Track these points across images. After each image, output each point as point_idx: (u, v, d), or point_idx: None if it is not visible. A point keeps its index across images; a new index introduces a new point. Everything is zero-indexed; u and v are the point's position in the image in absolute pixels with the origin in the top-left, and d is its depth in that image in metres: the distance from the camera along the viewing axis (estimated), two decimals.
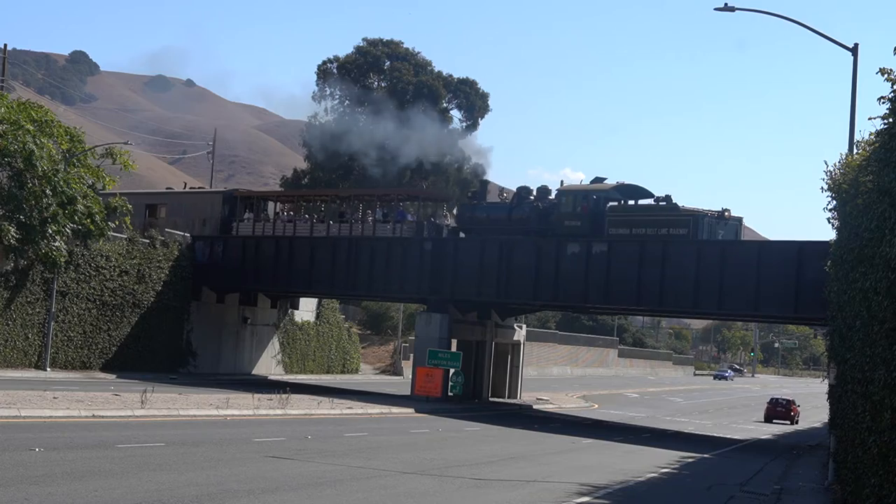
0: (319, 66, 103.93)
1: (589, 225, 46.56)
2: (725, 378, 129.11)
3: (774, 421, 62.03)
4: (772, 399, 65.57)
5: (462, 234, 52.03)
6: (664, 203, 45.47)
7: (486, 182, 54.15)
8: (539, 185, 50.55)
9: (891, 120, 14.29)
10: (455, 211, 54.65)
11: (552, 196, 49.35)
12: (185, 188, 70.86)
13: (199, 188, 74.53)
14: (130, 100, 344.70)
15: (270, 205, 61.69)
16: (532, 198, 49.85)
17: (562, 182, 50.07)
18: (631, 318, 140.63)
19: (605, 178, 48.86)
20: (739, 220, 45.25)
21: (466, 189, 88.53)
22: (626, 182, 48.12)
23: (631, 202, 47.56)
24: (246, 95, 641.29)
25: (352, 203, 58.06)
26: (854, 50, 33.88)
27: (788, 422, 62.13)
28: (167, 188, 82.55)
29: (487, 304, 53.44)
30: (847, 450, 19.40)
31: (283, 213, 59.42)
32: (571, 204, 47.63)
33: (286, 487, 17.52)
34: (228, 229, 57.26)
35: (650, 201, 47.18)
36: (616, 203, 47.22)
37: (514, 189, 52.05)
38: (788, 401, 64.28)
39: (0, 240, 41.59)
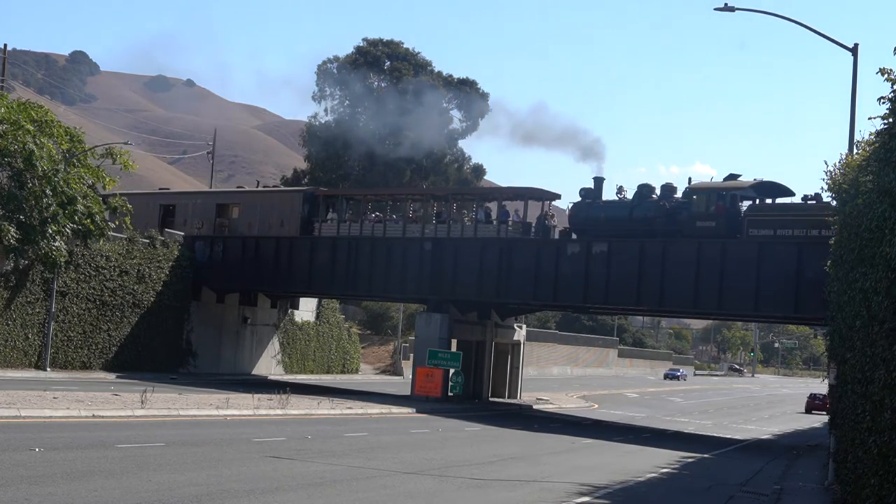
0: (319, 66, 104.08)
1: (725, 226, 43.25)
2: (677, 377, 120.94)
3: (813, 412, 71.61)
4: (811, 394, 77.01)
5: (574, 236, 48.08)
6: (813, 202, 41.14)
7: (602, 179, 48.59)
8: (663, 183, 46.18)
9: (891, 120, 14.29)
10: (567, 210, 48.92)
11: (679, 194, 45.93)
12: (257, 186, 65.12)
13: (274, 187, 67.39)
14: (130, 100, 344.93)
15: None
16: (654, 196, 46.27)
17: (689, 179, 46.40)
18: (631, 318, 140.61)
19: (738, 175, 45.34)
20: None
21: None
22: (764, 179, 44.69)
23: (768, 201, 44.37)
24: (244, 93, 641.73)
25: (447, 202, 54.27)
26: (854, 50, 33.88)
27: (825, 412, 71.65)
28: (238, 187, 75.47)
29: (487, 304, 53.43)
30: (847, 450, 19.39)
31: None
32: (704, 203, 44.01)
33: (286, 487, 17.51)
34: (310, 230, 54.52)
35: (792, 200, 43.91)
36: (752, 202, 44.07)
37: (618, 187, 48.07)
38: (825, 395, 74.05)
39: (0, 240, 41.58)
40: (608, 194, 48.85)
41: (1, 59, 61.89)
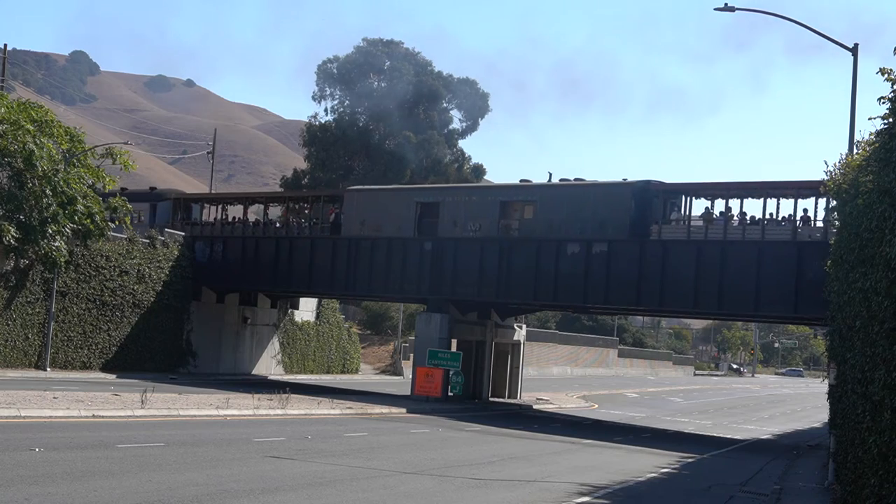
0: (319, 66, 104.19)
1: None
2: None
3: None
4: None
5: None
6: None
7: None
8: None
9: (891, 120, 14.29)
10: None
11: None
12: (549, 180, 52.33)
13: (575, 179, 51.52)
14: (130, 100, 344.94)
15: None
16: None
17: None
18: (631, 318, 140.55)
19: None
20: None
21: None
22: None
23: None
24: (243, 94, 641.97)
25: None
26: (854, 50, 33.88)
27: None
28: (522, 180, 53.30)
29: (487, 304, 53.42)
30: (847, 450, 19.40)
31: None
32: None
33: (286, 487, 17.51)
34: (644, 232, 45.12)
35: None
36: None
37: None
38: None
39: (0, 240, 41.60)
40: None
41: (1, 59, 61.91)
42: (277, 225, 57.94)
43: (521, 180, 51.65)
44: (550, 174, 52.16)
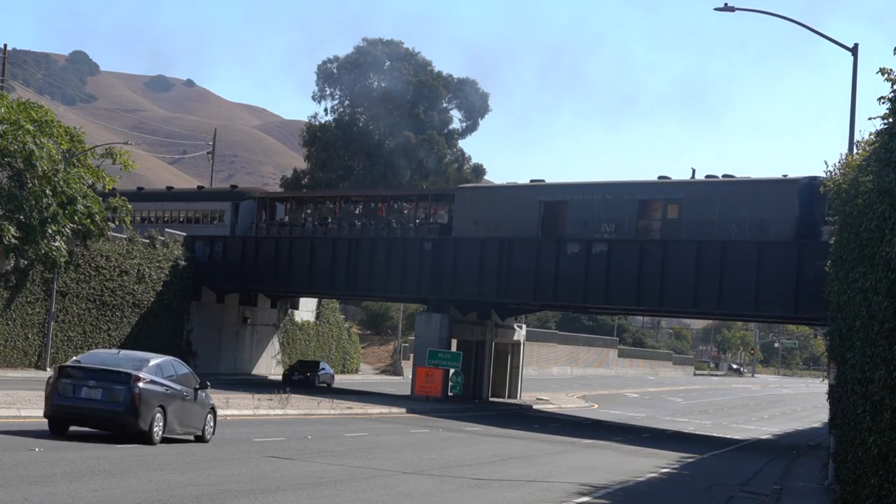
0: (319, 66, 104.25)
1: None
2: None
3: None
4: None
5: None
6: None
7: None
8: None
9: (891, 120, 14.26)
10: None
11: None
12: (692, 176, 47.27)
13: (723, 176, 46.22)
14: (130, 100, 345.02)
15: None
16: None
17: None
18: (631, 318, 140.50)
19: None
20: None
21: None
22: None
23: None
24: (242, 94, 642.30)
25: None
26: (854, 50, 33.88)
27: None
28: (660, 177, 48.75)
29: (487, 304, 53.45)
30: (847, 450, 19.38)
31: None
32: None
33: (286, 487, 17.50)
34: (813, 233, 40.87)
35: None
36: None
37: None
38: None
39: (0, 240, 41.60)
40: None
41: (1, 59, 61.91)
42: (372, 224, 55.30)
43: (659, 177, 48.31)
44: (694, 170, 48.10)
